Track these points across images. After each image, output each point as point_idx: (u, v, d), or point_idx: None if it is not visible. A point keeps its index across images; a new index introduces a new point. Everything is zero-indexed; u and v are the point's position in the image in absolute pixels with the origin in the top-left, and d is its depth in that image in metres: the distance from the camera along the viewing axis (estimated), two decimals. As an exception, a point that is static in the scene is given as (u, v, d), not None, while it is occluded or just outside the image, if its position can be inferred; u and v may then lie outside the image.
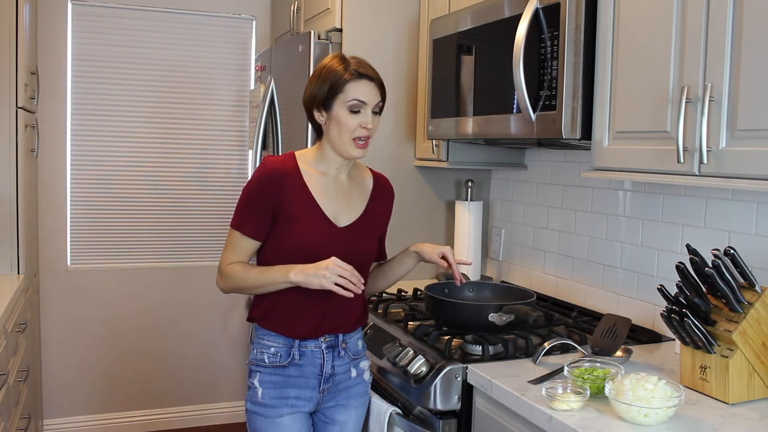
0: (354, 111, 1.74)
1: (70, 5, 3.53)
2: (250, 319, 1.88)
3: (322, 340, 1.81)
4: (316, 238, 1.76)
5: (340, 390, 1.87)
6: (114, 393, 3.75)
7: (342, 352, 1.85)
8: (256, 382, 1.81)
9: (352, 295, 1.70)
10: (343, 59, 1.77)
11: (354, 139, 1.76)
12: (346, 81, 1.73)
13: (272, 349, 1.80)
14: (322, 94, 1.75)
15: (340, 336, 1.85)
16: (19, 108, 2.78)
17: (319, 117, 1.79)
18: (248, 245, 1.81)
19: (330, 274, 1.67)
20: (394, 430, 1.92)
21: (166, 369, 3.84)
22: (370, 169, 1.96)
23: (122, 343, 3.74)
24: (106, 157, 3.67)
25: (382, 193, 1.93)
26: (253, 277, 1.78)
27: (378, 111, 1.79)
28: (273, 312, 1.81)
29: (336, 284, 1.67)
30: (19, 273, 2.84)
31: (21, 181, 2.82)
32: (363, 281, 1.71)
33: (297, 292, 1.75)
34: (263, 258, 1.83)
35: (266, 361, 1.80)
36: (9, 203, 2.80)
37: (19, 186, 2.82)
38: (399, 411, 1.92)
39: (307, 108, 1.82)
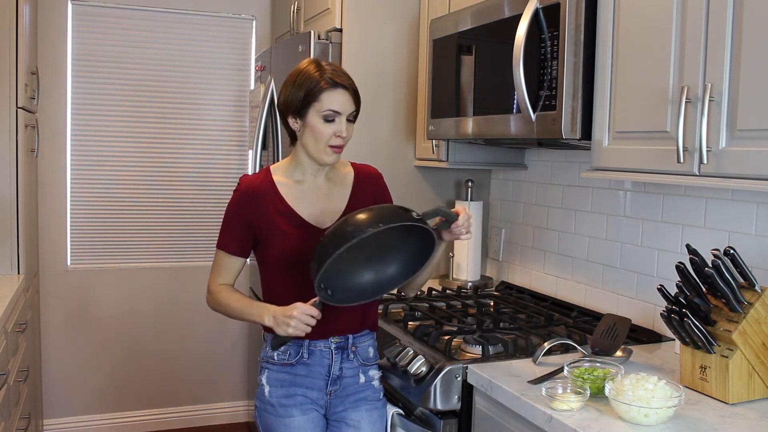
0: (328, 120, 1.74)
1: (70, 5, 3.53)
2: None
3: (332, 340, 1.82)
4: (300, 244, 1.76)
5: (349, 394, 1.85)
6: (114, 393, 3.74)
7: (351, 355, 1.84)
8: (263, 380, 1.83)
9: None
10: (318, 66, 1.76)
11: (329, 146, 1.76)
12: (322, 90, 1.73)
13: (282, 347, 1.80)
14: (297, 101, 1.76)
15: (350, 338, 1.84)
16: (19, 108, 2.78)
17: (294, 124, 1.80)
18: (234, 264, 1.87)
19: (296, 323, 1.66)
20: (396, 431, 1.92)
21: (166, 369, 3.84)
22: (352, 163, 1.94)
23: (122, 343, 3.74)
24: (106, 157, 3.66)
25: (364, 182, 1.91)
26: (235, 307, 1.81)
27: (352, 119, 1.79)
28: None
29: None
30: (19, 273, 2.84)
31: (21, 181, 2.82)
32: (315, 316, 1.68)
33: (300, 295, 1.73)
34: (262, 270, 1.86)
35: (275, 358, 1.82)
36: (9, 203, 2.80)
37: (19, 186, 2.82)
38: (401, 412, 1.92)
39: (281, 113, 1.83)
